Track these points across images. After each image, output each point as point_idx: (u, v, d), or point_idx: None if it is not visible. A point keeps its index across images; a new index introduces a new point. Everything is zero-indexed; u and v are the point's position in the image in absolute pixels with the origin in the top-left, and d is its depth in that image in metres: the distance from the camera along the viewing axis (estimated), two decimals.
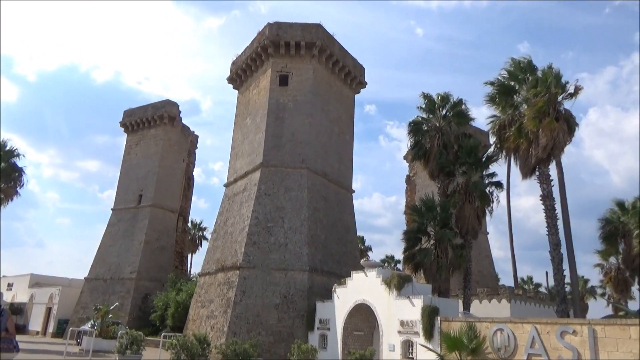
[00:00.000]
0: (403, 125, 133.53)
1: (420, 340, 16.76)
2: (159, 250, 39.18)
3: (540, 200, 22.82)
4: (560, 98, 22.85)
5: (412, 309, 17.47)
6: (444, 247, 25.98)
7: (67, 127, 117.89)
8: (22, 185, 31.88)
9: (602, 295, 48.29)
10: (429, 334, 16.41)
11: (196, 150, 46.54)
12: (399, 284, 18.47)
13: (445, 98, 29.64)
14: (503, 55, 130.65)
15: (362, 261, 21.56)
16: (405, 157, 47.89)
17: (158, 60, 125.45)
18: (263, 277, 24.74)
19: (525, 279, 61.57)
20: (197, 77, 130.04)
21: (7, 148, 31.59)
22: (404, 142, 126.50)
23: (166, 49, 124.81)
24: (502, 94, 24.40)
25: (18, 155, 33.14)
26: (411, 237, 26.56)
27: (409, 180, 46.13)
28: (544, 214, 22.56)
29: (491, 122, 28.24)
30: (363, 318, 21.34)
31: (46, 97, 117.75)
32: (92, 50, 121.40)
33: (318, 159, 28.73)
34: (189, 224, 47.28)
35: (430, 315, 16.51)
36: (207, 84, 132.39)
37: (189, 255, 47.02)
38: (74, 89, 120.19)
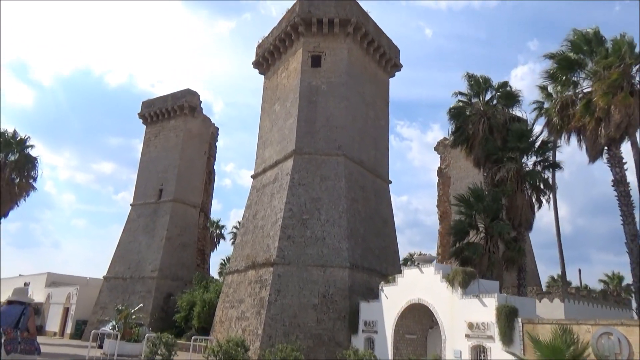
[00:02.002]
0: (414, 125, 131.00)
1: (495, 345, 14.41)
2: (181, 247, 37.18)
3: (612, 185, 20.28)
4: (634, 70, 20.32)
5: (483, 310, 15.12)
6: (495, 240, 23.74)
7: (82, 130, 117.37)
8: (36, 178, 30.03)
9: None
10: (507, 339, 14.05)
11: (217, 144, 44.48)
12: (464, 280, 16.12)
13: (487, 80, 27.29)
14: (515, 52, 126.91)
15: (415, 255, 19.25)
16: (436, 149, 45.34)
17: (170, 63, 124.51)
18: (299, 274, 22.51)
19: (555, 277, 58.60)
20: (208, 79, 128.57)
21: (19, 138, 29.78)
22: (415, 142, 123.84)
23: (178, 53, 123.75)
24: (563, 68, 21.84)
25: (31, 146, 31.26)
26: (459, 230, 24.22)
27: (440, 172, 43.56)
28: (618, 202, 20.04)
29: (536, 108, 25.95)
30: (416, 320, 19.04)
31: (61, 101, 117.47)
32: (105, 55, 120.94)
33: (354, 146, 26.44)
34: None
35: (508, 316, 14.15)
36: (218, 86, 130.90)
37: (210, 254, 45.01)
38: (89, 93, 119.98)
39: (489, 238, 23.62)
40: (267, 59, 30.74)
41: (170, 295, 34.10)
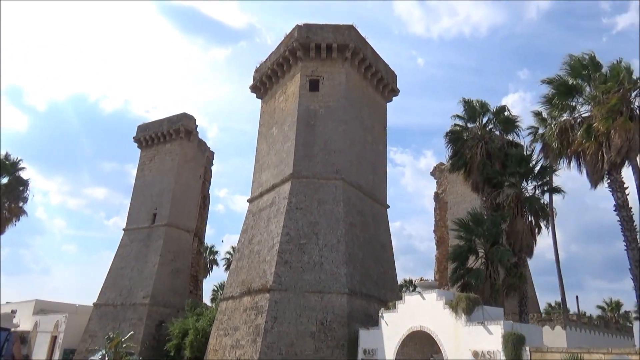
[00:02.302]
0: (407, 151, 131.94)
1: None
2: (174, 273, 36.35)
3: (615, 211, 20.06)
4: (633, 95, 20.39)
5: (488, 337, 14.60)
6: (496, 266, 23.35)
7: (76, 155, 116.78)
8: (27, 200, 29.50)
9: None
10: None
11: (212, 167, 44.17)
12: (468, 307, 15.65)
13: (484, 105, 27.30)
14: (506, 81, 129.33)
15: (416, 281, 18.80)
16: (432, 173, 45.27)
17: (165, 89, 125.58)
18: (297, 301, 21.89)
19: (553, 304, 57.76)
20: (203, 105, 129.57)
21: (11, 161, 29.34)
22: (408, 167, 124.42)
23: (173, 79, 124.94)
24: (562, 94, 21.90)
25: (22, 168, 30.86)
26: (458, 256, 23.78)
27: (437, 197, 43.34)
28: (621, 227, 19.78)
29: (531, 133, 26.21)
30: (418, 348, 18.42)
31: (55, 126, 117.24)
32: (101, 81, 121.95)
33: (353, 170, 26.20)
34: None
35: (515, 344, 13.65)
36: (213, 112, 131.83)
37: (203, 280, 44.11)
38: (83, 118, 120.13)
39: (489, 264, 23.22)
40: (264, 83, 30.75)
41: (162, 323, 33.14)
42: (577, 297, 75.22)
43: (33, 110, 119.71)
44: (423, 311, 17.36)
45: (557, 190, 25.37)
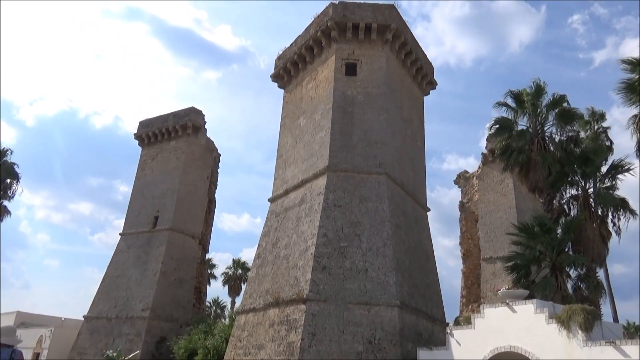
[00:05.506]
0: None
1: None
2: (177, 283, 32.37)
3: None
4: None
5: None
6: (564, 277, 20.18)
7: (62, 170, 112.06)
8: (13, 196, 25.75)
9: None
10: None
11: (218, 170, 40.53)
12: (586, 322, 12.25)
13: (541, 89, 23.83)
14: (491, 107, 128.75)
15: (500, 290, 15.34)
16: (455, 182, 42.10)
17: (156, 106, 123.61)
18: (338, 314, 18.29)
19: None
20: None
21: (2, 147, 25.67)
22: None
23: (165, 97, 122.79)
24: None
25: (13, 165, 27.38)
26: (522, 265, 20.49)
27: (462, 207, 40.11)
28: None
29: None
30: None
31: (43, 141, 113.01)
32: (92, 97, 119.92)
33: (395, 164, 22.91)
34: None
35: None
36: None
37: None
38: (72, 134, 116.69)
39: (557, 274, 19.97)
40: (289, 70, 27.54)
41: (164, 340, 29.09)
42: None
43: (22, 125, 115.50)
44: (514, 327, 13.94)
45: (625, 205, 21.92)
